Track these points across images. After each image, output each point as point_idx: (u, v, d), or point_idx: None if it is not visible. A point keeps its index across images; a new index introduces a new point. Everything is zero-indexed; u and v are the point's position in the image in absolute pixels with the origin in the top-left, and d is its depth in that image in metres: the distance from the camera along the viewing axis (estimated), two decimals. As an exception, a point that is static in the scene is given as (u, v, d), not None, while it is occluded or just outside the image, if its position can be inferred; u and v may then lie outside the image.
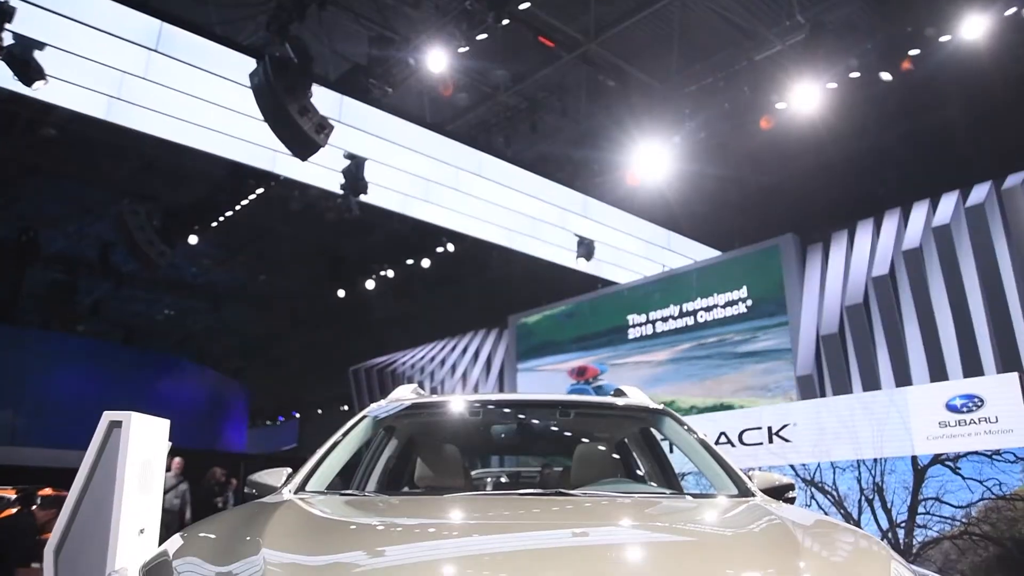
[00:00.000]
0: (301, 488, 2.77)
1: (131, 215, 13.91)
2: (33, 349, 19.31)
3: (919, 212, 11.85)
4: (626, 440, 4.18)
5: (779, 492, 2.82)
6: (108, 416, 3.43)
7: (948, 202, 11.51)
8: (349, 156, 11.43)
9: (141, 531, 3.50)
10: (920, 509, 5.85)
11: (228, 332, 24.89)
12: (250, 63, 9.23)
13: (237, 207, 14.23)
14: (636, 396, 3.70)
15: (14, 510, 7.78)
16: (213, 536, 2.02)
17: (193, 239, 15.11)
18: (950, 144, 11.60)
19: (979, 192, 11.16)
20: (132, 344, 23.93)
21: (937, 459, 5.80)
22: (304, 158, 9.59)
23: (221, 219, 14.67)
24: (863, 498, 6.15)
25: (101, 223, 16.70)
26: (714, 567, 1.74)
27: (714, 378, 14.17)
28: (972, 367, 10.64)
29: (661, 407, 3.54)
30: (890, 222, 12.22)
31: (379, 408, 3.51)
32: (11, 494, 11.35)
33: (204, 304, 22.06)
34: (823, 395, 11.66)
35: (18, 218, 16.67)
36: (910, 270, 11.59)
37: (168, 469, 10.09)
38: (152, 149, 12.51)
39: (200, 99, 10.06)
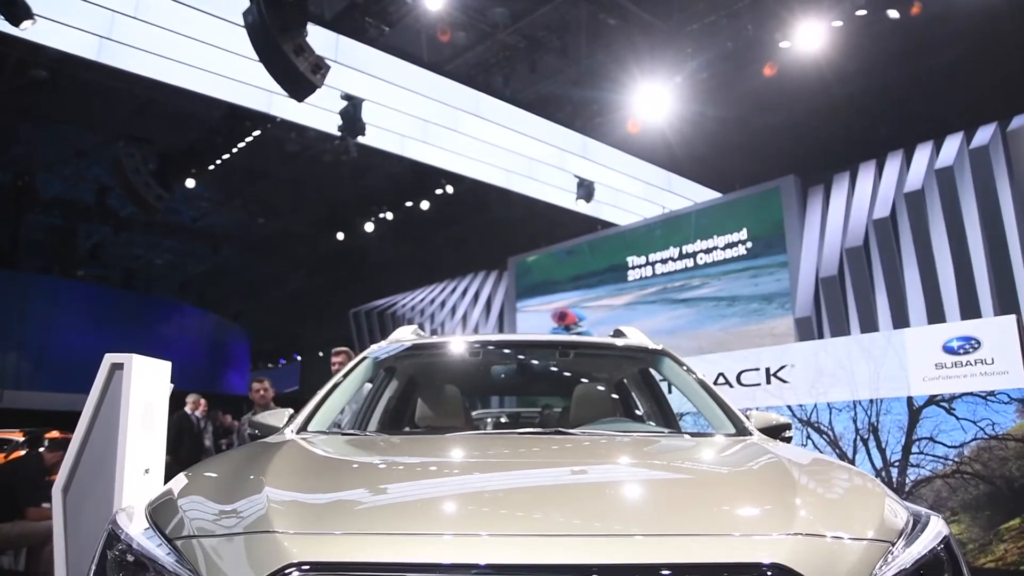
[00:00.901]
0: (303, 428, 2.80)
1: (127, 158, 13.78)
2: (34, 294, 19.34)
3: (922, 154, 11.74)
4: (625, 380, 4.21)
5: (776, 431, 2.85)
6: (109, 358, 3.44)
7: (952, 144, 11.39)
8: (346, 97, 11.27)
9: (146, 471, 3.55)
10: (914, 449, 5.93)
11: (228, 276, 24.90)
12: (243, 1, 9.03)
13: (234, 150, 14.08)
14: (635, 336, 3.71)
15: (22, 452, 7.88)
16: (217, 475, 2.04)
17: (190, 182, 14.99)
18: (956, 85, 11.41)
19: (984, 134, 11.03)
20: (132, 288, 23.97)
21: (932, 400, 5.85)
22: (300, 99, 9.45)
23: (218, 162, 14.54)
24: (858, 438, 6.23)
25: (97, 167, 16.56)
26: (711, 503, 1.76)
27: (713, 320, 14.26)
28: (970, 310, 10.68)
29: (660, 347, 3.55)
30: (892, 164, 12.11)
31: (379, 349, 3.52)
32: (19, 436, 11.49)
33: (203, 248, 22.02)
34: (821, 337, 11.73)
35: (13, 163, 16.52)
36: (911, 213, 11.53)
37: (195, 409, 10.26)
38: (145, 91, 12.32)
39: (193, 39, 9.87)
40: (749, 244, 13.85)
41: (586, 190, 14.65)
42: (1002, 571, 5.36)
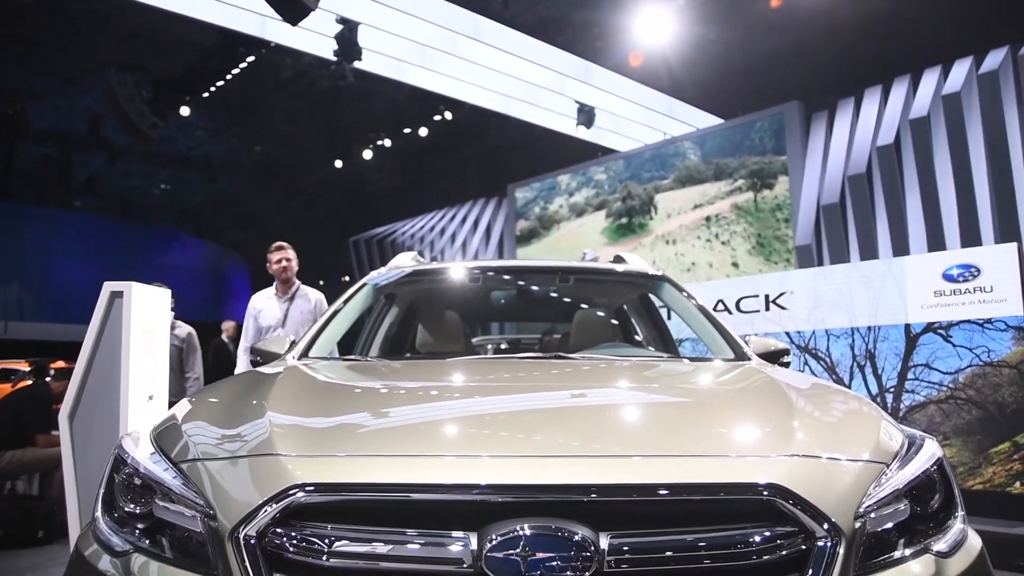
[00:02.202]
0: (304, 355, 2.81)
1: (119, 86, 13.52)
2: (33, 226, 19.25)
3: (929, 79, 11.51)
4: (625, 306, 4.22)
5: (774, 357, 2.87)
6: (109, 287, 3.44)
7: (960, 69, 11.15)
8: (341, 21, 11.00)
9: (150, 397, 3.59)
10: (909, 375, 5.99)
11: (226, 205, 24.75)
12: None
13: (228, 76, 13.82)
14: (635, 262, 3.70)
15: (29, 381, 7.97)
16: (219, 401, 2.06)
17: (185, 110, 14.76)
18: (967, 7, 11.10)
19: (994, 58, 10.78)
20: (130, 219, 23.85)
21: (930, 327, 5.88)
22: (294, 23, 9.20)
23: (212, 89, 14.28)
24: (855, 364, 6.29)
25: (89, 95, 16.27)
26: (709, 425, 1.78)
27: (714, 247, 14.30)
28: (971, 239, 10.64)
29: (660, 273, 3.55)
30: (899, 90, 11.89)
31: (379, 276, 3.52)
32: (24, 367, 11.61)
33: (200, 177, 21.83)
34: (821, 265, 11.72)
35: (1, 92, 16.21)
36: (916, 139, 11.37)
37: (232, 337, 10.33)
38: (135, 16, 11.99)
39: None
40: (751, 171, 13.77)
41: (586, 116, 14.43)
42: (989, 492, 5.48)
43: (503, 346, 5.63)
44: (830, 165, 12.32)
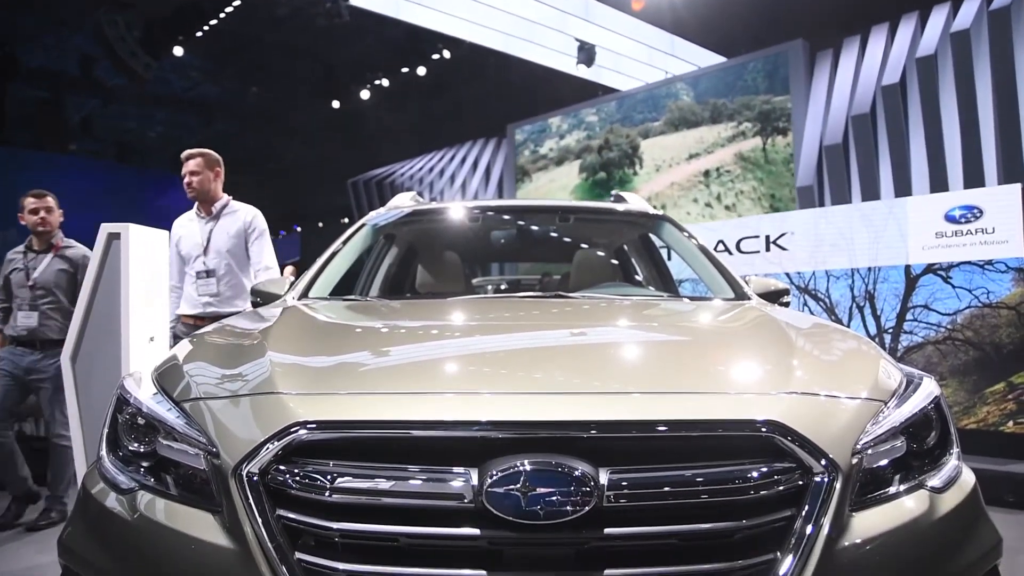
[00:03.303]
0: (304, 295, 2.82)
1: (109, 25, 13.21)
2: (28, 169, 19.05)
3: (938, 16, 11.25)
4: (625, 247, 4.21)
5: (774, 297, 2.88)
6: (106, 228, 3.42)
7: (971, 5, 10.88)
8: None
9: (151, 339, 3.61)
10: (908, 316, 6.01)
11: (223, 147, 24.32)
12: None
13: (221, 15, 13.51)
14: (636, 202, 3.68)
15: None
16: (220, 341, 2.07)
17: (178, 50, 14.47)
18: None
19: (1006, -7, 10.53)
20: (126, 162, 23.61)
21: (930, 268, 5.88)
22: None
23: (206, 28, 13.97)
24: (854, 305, 6.31)
25: (80, 36, 15.91)
26: (708, 363, 1.78)
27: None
28: (974, 180, 10.54)
29: (661, 212, 3.53)
30: (906, 27, 11.64)
31: (378, 216, 3.50)
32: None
33: (196, 119, 21.53)
34: (822, 206, 11.66)
35: (-13, 33, 15.86)
36: (921, 79, 11.18)
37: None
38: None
39: None
40: (753, 111, 13.50)
41: (587, 54, 14.18)
42: (982, 431, 5.55)
43: (503, 286, 5.63)
44: (834, 105, 12.15)
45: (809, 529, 1.38)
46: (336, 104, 18.56)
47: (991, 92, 10.59)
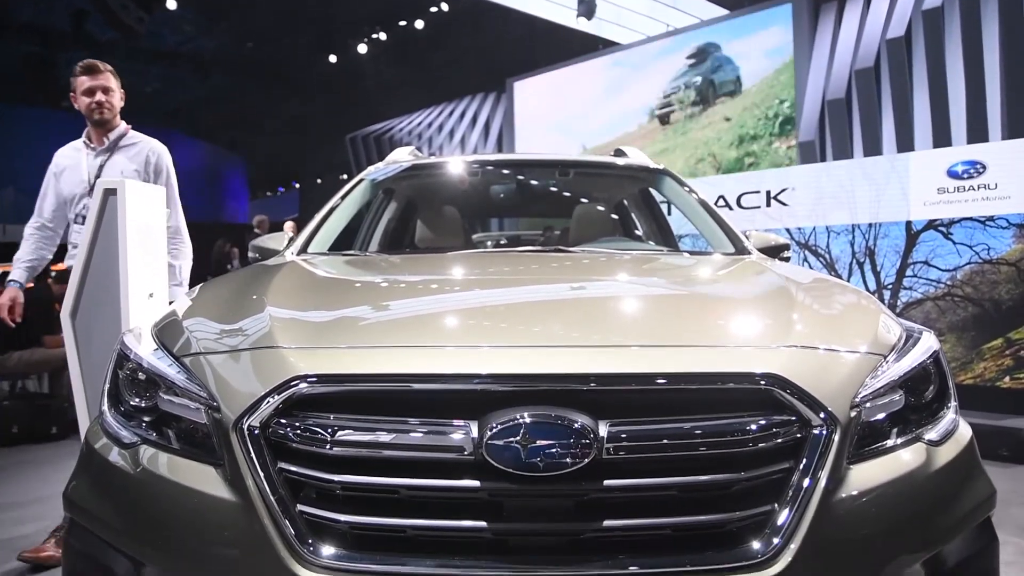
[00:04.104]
0: (303, 250, 2.82)
1: (99, -24, 12.95)
2: (18, 126, 18.86)
3: (945, -34, 11.04)
4: (625, 201, 4.19)
5: (775, 251, 2.88)
6: (102, 184, 3.39)
7: (981, -48, 10.67)
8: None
9: (150, 295, 3.60)
10: (908, 272, 6.02)
11: (219, 103, 24.20)
12: None
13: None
14: (636, 156, 3.66)
15: (31, 284, 8.02)
16: (219, 296, 2.07)
17: (171, 3, 14.22)
18: None
19: (1015, -59, 10.30)
20: (122, 118, 23.30)
21: (931, 224, 5.87)
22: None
23: (198, -21, 13.72)
24: (854, 261, 6.31)
25: (69, -12, 15.64)
26: (708, 317, 1.79)
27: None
28: (978, 135, 10.44)
29: (662, 167, 3.51)
30: (913, -22, 11.43)
31: (377, 171, 3.48)
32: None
33: (191, 75, 21.24)
34: (824, 162, 11.57)
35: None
36: (927, 31, 11.00)
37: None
38: None
39: None
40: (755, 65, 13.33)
41: (587, 7, 13.94)
42: (979, 387, 5.59)
43: (503, 242, 5.61)
44: (837, 59, 11.98)
45: (807, 481, 1.38)
46: (333, 59, 18.32)
47: (997, 46, 10.42)
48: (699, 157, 13.54)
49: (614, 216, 3.98)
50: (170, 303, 3.37)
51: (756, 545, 1.36)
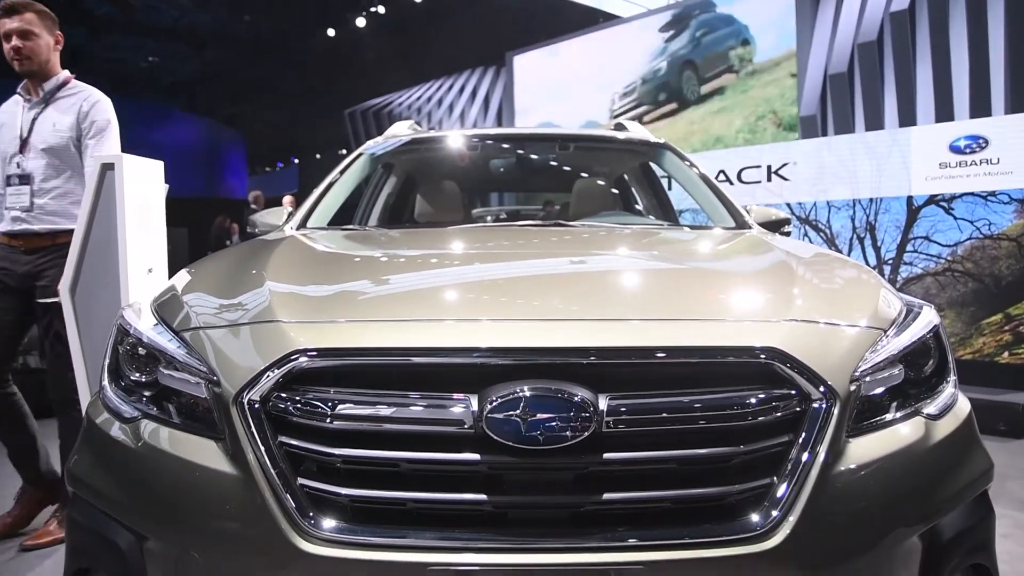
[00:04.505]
0: (302, 225, 2.81)
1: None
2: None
3: (952, -65, 10.90)
4: (625, 176, 4.18)
5: (775, 226, 2.87)
6: (99, 158, 3.37)
7: (986, -77, 10.53)
8: None
9: (149, 270, 3.60)
10: (908, 248, 6.01)
11: (217, 78, 24.04)
12: None
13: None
14: (636, 130, 3.64)
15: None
16: (218, 271, 2.06)
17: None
18: None
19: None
20: (118, 94, 23.13)
21: (932, 199, 5.86)
22: None
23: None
24: (855, 236, 6.30)
25: (65, -40, 15.45)
26: (708, 291, 1.78)
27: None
28: (981, 110, 10.37)
29: (662, 141, 3.49)
30: (918, -52, 11.29)
31: (376, 145, 3.47)
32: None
33: (189, 49, 21.07)
34: (825, 136, 11.52)
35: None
36: (931, 4, 10.90)
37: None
38: None
39: None
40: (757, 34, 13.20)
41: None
42: (978, 362, 5.61)
43: (503, 216, 5.61)
44: (840, 32, 11.87)
45: (806, 455, 1.39)
46: (331, 32, 18.15)
47: (1003, 19, 10.32)
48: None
49: (614, 190, 3.97)
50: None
51: (755, 518, 1.36)
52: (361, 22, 17.18)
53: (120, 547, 1.50)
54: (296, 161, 33.52)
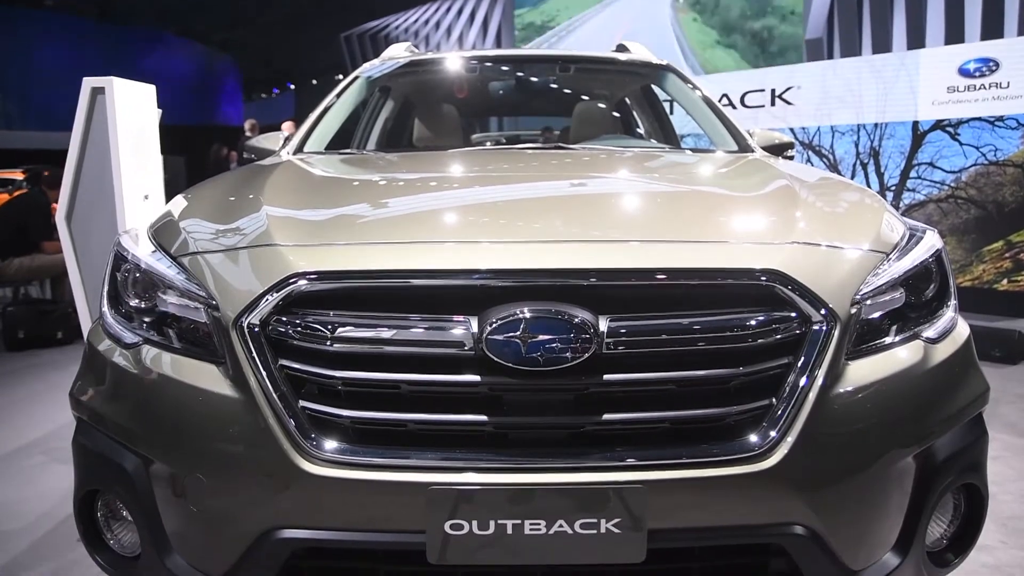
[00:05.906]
0: (299, 150, 2.77)
1: None
2: (6, 29, 18.29)
3: None
4: (627, 99, 4.10)
5: (778, 150, 2.84)
6: (89, 82, 3.30)
7: None
8: None
9: (145, 197, 3.57)
10: (912, 174, 5.96)
11: (210, 2, 23.42)
12: None
13: None
14: (639, 51, 3.55)
15: (26, 189, 7.94)
16: (214, 196, 2.03)
17: None
18: None
19: None
20: (109, 20, 22.54)
21: (938, 125, 5.78)
22: None
23: None
24: (858, 162, 6.23)
25: None
26: (710, 213, 1.76)
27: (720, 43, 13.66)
28: (993, 32, 10.13)
29: (665, 63, 3.42)
30: None
31: (372, 68, 3.39)
32: (20, 176, 11.49)
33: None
34: (831, 59, 11.29)
35: None
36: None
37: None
38: None
39: None
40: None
41: None
42: (976, 289, 5.62)
43: (502, 141, 5.54)
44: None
45: (805, 377, 1.40)
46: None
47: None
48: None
49: (615, 114, 3.90)
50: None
51: (753, 438, 1.38)
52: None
53: (127, 470, 1.52)
54: (292, 87, 32.94)
